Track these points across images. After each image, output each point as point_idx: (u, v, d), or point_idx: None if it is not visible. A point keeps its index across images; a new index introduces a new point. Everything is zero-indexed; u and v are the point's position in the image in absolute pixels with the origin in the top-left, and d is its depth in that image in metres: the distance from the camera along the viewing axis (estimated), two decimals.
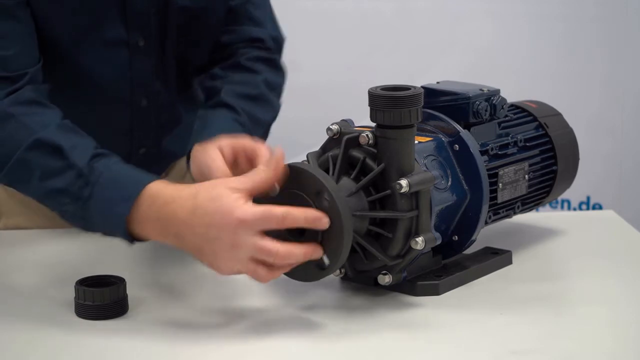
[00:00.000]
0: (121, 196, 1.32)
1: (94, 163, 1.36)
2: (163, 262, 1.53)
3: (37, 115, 1.42)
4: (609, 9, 2.92)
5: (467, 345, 1.26)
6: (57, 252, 1.60)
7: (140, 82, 1.62)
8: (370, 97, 1.32)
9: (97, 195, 1.34)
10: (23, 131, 1.39)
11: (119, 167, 1.37)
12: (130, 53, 1.59)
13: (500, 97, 1.49)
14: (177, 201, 1.28)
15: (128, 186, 1.33)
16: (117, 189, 1.33)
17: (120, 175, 1.35)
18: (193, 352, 1.27)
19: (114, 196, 1.33)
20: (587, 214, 2.51)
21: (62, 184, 1.36)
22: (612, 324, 1.33)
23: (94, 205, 1.34)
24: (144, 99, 1.64)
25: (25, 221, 1.72)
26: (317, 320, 1.33)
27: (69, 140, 1.39)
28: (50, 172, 1.37)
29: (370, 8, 2.98)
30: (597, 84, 2.94)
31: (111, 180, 1.34)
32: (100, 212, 1.34)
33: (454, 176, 1.41)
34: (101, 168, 1.35)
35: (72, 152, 1.36)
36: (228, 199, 1.25)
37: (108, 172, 1.35)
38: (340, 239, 1.26)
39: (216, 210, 1.25)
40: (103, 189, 1.34)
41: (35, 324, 1.34)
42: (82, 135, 1.42)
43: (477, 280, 1.46)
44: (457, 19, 2.97)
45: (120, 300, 1.35)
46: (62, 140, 1.38)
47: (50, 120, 1.42)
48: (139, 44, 1.59)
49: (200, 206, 1.26)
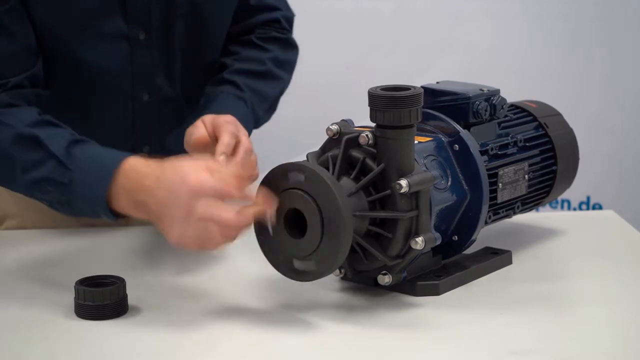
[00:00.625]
0: (99, 176, 1.37)
1: (71, 149, 1.40)
2: (163, 262, 1.53)
3: (15, 113, 1.45)
4: (609, 8, 2.91)
5: (467, 345, 1.26)
6: (57, 252, 1.60)
7: (142, 76, 1.61)
8: (370, 97, 1.32)
9: (77, 179, 1.38)
10: (3, 128, 1.43)
11: (96, 150, 1.42)
12: (130, 47, 1.58)
13: (500, 97, 1.49)
14: (146, 172, 1.35)
15: (104, 166, 1.38)
16: (95, 170, 1.38)
17: (97, 157, 1.40)
18: (193, 351, 1.27)
19: (92, 177, 1.38)
20: (587, 214, 2.51)
21: (44, 173, 1.41)
22: (612, 324, 1.33)
23: (75, 189, 1.39)
24: (145, 93, 1.63)
25: (28, 222, 1.72)
26: (317, 320, 1.33)
27: (46, 131, 1.43)
28: (32, 164, 1.41)
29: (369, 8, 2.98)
30: (597, 84, 2.94)
31: (88, 163, 1.39)
32: (81, 195, 1.39)
33: (454, 176, 1.41)
34: (78, 153, 1.40)
35: (49, 142, 1.41)
36: (189, 167, 1.30)
37: (85, 155, 1.39)
38: (340, 238, 1.26)
39: (176, 176, 1.30)
40: (82, 172, 1.39)
41: (35, 324, 1.34)
42: (59, 126, 1.46)
43: (477, 280, 1.46)
44: (456, 19, 2.96)
45: (120, 300, 1.35)
46: (40, 132, 1.42)
47: (28, 116, 1.45)
48: (140, 37, 1.58)
49: (164, 174, 1.32)
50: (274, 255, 1.34)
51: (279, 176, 1.31)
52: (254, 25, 1.73)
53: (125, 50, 1.58)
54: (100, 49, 1.56)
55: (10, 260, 1.60)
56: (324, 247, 1.28)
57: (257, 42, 1.71)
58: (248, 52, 1.70)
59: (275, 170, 1.32)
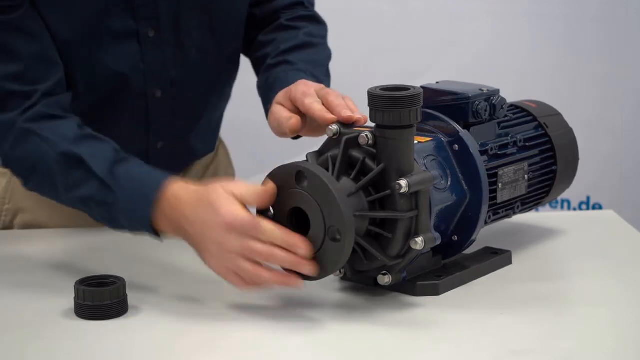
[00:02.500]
0: (142, 200, 1.39)
1: (114, 169, 1.41)
2: (163, 262, 1.54)
3: (55, 128, 1.47)
4: (609, 8, 2.91)
5: (467, 345, 1.27)
6: (57, 252, 1.60)
7: (154, 73, 1.61)
8: (369, 98, 1.32)
9: (121, 201, 1.40)
10: (44, 145, 1.46)
11: (138, 170, 1.42)
12: (140, 45, 1.58)
13: (500, 97, 1.49)
14: (184, 199, 1.35)
15: (147, 189, 1.39)
16: (138, 194, 1.39)
17: (139, 179, 1.41)
18: (193, 351, 1.27)
19: (135, 200, 1.40)
20: (587, 214, 2.51)
21: (87, 193, 1.43)
22: (612, 324, 1.33)
23: (119, 209, 1.41)
24: (158, 90, 1.62)
25: (41, 217, 1.73)
26: (317, 320, 1.33)
27: (89, 148, 1.44)
28: (75, 183, 1.44)
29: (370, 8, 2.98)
30: (597, 84, 2.94)
31: (131, 185, 1.40)
32: (125, 215, 1.41)
33: (454, 176, 1.41)
34: (121, 173, 1.41)
35: (93, 162, 1.42)
36: (222, 200, 1.31)
37: (128, 176, 1.41)
38: (341, 218, 1.26)
39: (209, 208, 1.31)
40: (125, 194, 1.40)
41: (35, 323, 1.34)
42: (101, 141, 1.47)
43: (477, 280, 1.46)
44: (456, 19, 2.96)
45: (120, 300, 1.35)
46: (82, 151, 1.43)
47: (69, 130, 1.47)
48: (149, 34, 1.58)
49: (200, 205, 1.33)
50: None
51: (279, 176, 1.31)
52: (279, 9, 1.72)
53: (136, 49, 1.58)
54: (110, 48, 1.56)
55: (10, 260, 1.60)
56: (330, 224, 1.28)
57: (287, 24, 1.70)
58: (282, 35, 1.68)
59: (276, 171, 1.32)
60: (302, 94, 1.43)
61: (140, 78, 1.60)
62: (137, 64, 1.59)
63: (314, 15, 1.75)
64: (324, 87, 1.45)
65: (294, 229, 1.31)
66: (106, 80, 1.58)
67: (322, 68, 1.65)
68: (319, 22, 1.75)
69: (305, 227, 1.31)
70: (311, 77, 1.56)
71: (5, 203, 1.75)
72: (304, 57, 1.63)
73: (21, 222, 1.74)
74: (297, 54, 1.64)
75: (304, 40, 1.67)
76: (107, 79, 1.58)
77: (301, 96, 1.42)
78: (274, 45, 1.67)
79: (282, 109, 1.45)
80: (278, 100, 1.47)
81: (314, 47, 1.68)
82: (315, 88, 1.44)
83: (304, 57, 1.63)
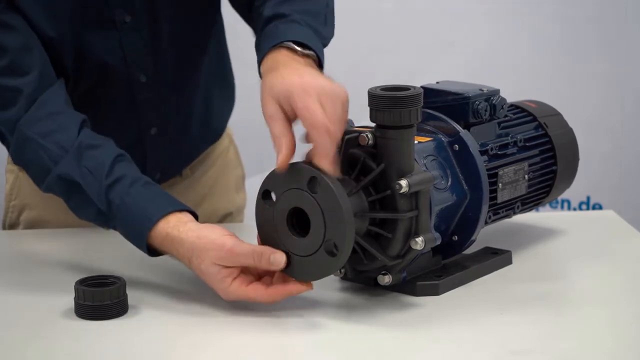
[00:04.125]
0: (137, 232, 1.42)
1: (110, 196, 1.43)
2: (163, 262, 1.53)
3: (54, 134, 1.47)
4: (608, 9, 2.92)
5: (466, 345, 1.26)
6: (57, 252, 1.60)
7: (134, 58, 1.60)
8: (370, 97, 1.32)
9: (120, 225, 1.44)
10: (45, 156, 1.47)
11: (132, 199, 1.43)
12: (118, 31, 1.58)
13: (500, 97, 1.49)
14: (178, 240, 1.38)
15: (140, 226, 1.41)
16: (133, 227, 1.42)
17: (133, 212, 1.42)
18: (193, 351, 1.27)
19: (131, 230, 1.43)
20: (587, 214, 2.51)
21: (88, 216, 1.48)
22: (612, 324, 1.33)
23: (120, 230, 1.45)
24: (142, 75, 1.62)
25: (47, 214, 1.73)
26: (317, 320, 1.33)
27: (85, 171, 1.45)
28: (77, 205, 1.49)
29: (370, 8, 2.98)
30: (597, 84, 2.94)
31: (127, 215, 1.43)
32: (126, 236, 1.45)
33: (454, 176, 1.41)
34: (117, 201, 1.43)
35: (89, 189, 1.44)
36: (214, 278, 1.35)
37: (124, 206, 1.42)
38: (342, 238, 1.27)
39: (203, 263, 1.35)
40: (123, 224, 1.43)
41: (35, 323, 1.34)
42: (98, 149, 1.47)
43: (477, 280, 1.46)
44: (457, 19, 2.97)
45: (120, 300, 1.35)
46: (79, 176, 1.45)
47: (67, 138, 1.47)
48: (126, 20, 1.57)
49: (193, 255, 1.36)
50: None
51: (280, 176, 1.31)
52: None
53: (114, 35, 1.58)
54: (89, 37, 1.56)
55: (10, 260, 1.60)
56: (329, 237, 1.28)
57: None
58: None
59: (269, 178, 1.32)
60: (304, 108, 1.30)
61: (122, 64, 1.60)
62: (117, 51, 1.59)
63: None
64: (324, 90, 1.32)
65: (292, 225, 1.31)
66: (90, 69, 1.58)
67: (319, 17, 1.54)
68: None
69: (303, 226, 1.31)
70: (307, 27, 1.48)
71: (11, 199, 1.75)
72: (298, 7, 1.52)
73: (27, 219, 1.75)
74: (290, 5, 1.52)
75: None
76: (90, 68, 1.58)
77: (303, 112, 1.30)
78: (268, 3, 1.55)
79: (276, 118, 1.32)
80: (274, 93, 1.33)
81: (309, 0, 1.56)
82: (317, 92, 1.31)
83: (297, 7, 1.52)
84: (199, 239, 1.35)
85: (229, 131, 1.87)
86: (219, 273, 1.34)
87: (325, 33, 1.53)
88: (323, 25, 1.53)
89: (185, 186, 1.77)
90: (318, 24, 1.52)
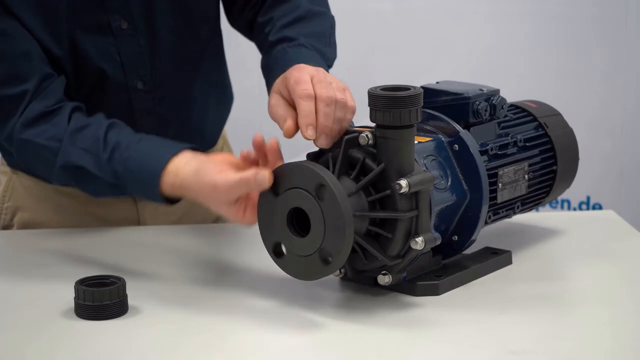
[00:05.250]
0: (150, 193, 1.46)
1: (113, 167, 1.46)
2: (163, 262, 1.54)
3: (48, 132, 1.50)
4: (609, 9, 2.91)
5: (466, 345, 1.26)
6: (57, 252, 1.60)
7: (132, 65, 1.61)
8: (370, 97, 1.32)
9: (135, 192, 1.51)
10: (44, 152, 1.50)
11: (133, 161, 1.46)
12: (115, 38, 1.58)
13: (500, 97, 1.49)
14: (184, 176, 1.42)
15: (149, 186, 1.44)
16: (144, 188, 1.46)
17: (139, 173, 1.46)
18: (193, 351, 1.27)
19: (143, 190, 1.47)
20: (587, 214, 2.51)
21: (104, 192, 1.53)
22: (612, 324, 1.33)
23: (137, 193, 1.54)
24: (139, 81, 1.63)
25: (40, 216, 1.73)
26: (317, 320, 1.33)
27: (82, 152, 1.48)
28: (89, 187, 1.53)
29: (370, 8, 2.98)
30: (597, 84, 2.94)
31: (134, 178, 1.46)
32: (137, 193, 1.54)
33: (454, 176, 1.41)
34: (121, 169, 1.46)
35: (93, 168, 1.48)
36: (209, 169, 1.39)
37: (128, 173, 1.46)
38: (342, 238, 1.27)
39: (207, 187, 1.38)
40: (134, 185, 1.47)
41: (35, 323, 1.34)
42: (88, 128, 1.49)
43: (477, 280, 1.46)
44: (457, 19, 2.96)
45: (120, 300, 1.35)
46: (79, 159, 1.48)
47: (60, 130, 1.49)
48: (122, 26, 1.58)
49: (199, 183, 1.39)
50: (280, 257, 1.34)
51: (290, 172, 1.31)
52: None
53: (111, 42, 1.58)
54: (86, 44, 1.56)
55: (10, 260, 1.60)
56: (326, 246, 1.28)
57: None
58: (279, 10, 1.62)
59: (277, 170, 1.32)
60: (294, 82, 1.38)
61: (119, 71, 1.60)
62: (114, 57, 1.59)
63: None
64: (318, 73, 1.40)
65: (291, 222, 1.31)
66: (88, 75, 1.59)
67: (325, 39, 1.59)
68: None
69: (301, 226, 1.31)
70: (313, 50, 1.53)
71: (5, 201, 1.75)
72: (304, 30, 1.57)
73: (20, 221, 1.74)
74: (296, 28, 1.58)
75: (305, 12, 1.60)
76: (88, 75, 1.59)
77: (293, 85, 1.38)
78: (272, 24, 1.60)
79: (278, 104, 1.41)
80: (276, 88, 1.43)
81: (313, 18, 1.61)
82: (310, 73, 1.39)
83: (303, 31, 1.57)
84: (197, 183, 1.39)
85: (223, 132, 1.87)
86: (228, 210, 1.38)
87: (330, 54, 1.58)
88: (327, 46, 1.58)
89: None
90: (323, 45, 1.57)
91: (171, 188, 1.43)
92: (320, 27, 1.60)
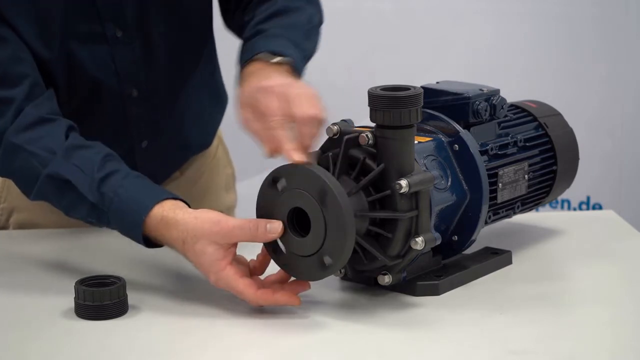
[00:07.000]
0: (132, 220, 1.40)
1: (103, 189, 1.42)
2: (163, 262, 1.53)
3: (42, 139, 1.47)
4: (609, 9, 2.92)
5: (466, 345, 1.26)
6: (57, 252, 1.60)
7: (126, 73, 1.60)
8: (370, 97, 1.32)
9: (113, 217, 1.42)
10: (34, 160, 1.46)
11: (125, 190, 1.41)
12: (109, 46, 1.58)
13: (500, 97, 1.49)
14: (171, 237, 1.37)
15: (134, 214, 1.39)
16: (128, 216, 1.40)
17: (127, 203, 1.40)
18: (193, 351, 1.27)
19: (126, 219, 1.41)
20: (587, 214, 2.51)
21: (81, 214, 1.45)
22: (612, 324, 1.33)
23: (114, 223, 1.43)
24: (134, 89, 1.62)
25: (36, 216, 1.73)
26: (317, 320, 1.33)
27: (76, 165, 1.44)
28: (67, 204, 1.46)
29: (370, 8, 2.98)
30: (597, 84, 2.94)
31: (121, 205, 1.41)
32: (120, 227, 1.43)
33: (454, 176, 1.41)
34: (111, 194, 1.41)
35: (80, 185, 1.43)
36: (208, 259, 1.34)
37: (117, 198, 1.41)
38: (343, 238, 1.27)
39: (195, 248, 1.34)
40: (117, 212, 1.41)
41: (35, 323, 1.34)
42: (87, 149, 1.46)
43: (477, 280, 1.46)
44: (457, 19, 2.97)
45: (120, 300, 1.35)
46: (69, 173, 1.43)
47: (56, 142, 1.46)
48: (117, 35, 1.57)
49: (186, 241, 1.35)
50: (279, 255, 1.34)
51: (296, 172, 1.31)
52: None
53: (106, 50, 1.58)
54: (81, 52, 1.56)
55: (10, 260, 1.60)
56: (327, 247, 1.28)
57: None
58: (260, 7, 1.61)
59: (281, 169, 1.32)
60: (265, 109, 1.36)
61: (114, 79, 1.60)
62: (108, 65, 1.59)
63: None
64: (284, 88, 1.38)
65: (292, 221, 1.31)
66: (82, 84, 1.58)
67: (299, 31, 1.57)
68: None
69: (301, 225, 1.31)
70: (282, 38, 1.52)
71: (0, 202, 1.75)
72: (279, 22, 1.56)
73: (16, 222, 1.74)
74: (271, 21, 1.57)
75: (280, 6, 1.59)
76: (83, 83, 1.58)
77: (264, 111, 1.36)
78: (251, 22, 1.59)
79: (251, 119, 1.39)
80: (245, 100, 1.41)
81: (290, 12, 1.60)
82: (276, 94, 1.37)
83: (278, 23, 1.56)
84: (196, 219, 1.35)
85: (218, 132, 1.87)
86: (214, 253, 1.32)
87: (306, 46, 1.56)
88: (303, 39, 1.57)
89: (174, 187, 1.76)
90: (297, 36, 1.55)
91: (157, 223, 1.37)
92: (295, 20, 1.59)
